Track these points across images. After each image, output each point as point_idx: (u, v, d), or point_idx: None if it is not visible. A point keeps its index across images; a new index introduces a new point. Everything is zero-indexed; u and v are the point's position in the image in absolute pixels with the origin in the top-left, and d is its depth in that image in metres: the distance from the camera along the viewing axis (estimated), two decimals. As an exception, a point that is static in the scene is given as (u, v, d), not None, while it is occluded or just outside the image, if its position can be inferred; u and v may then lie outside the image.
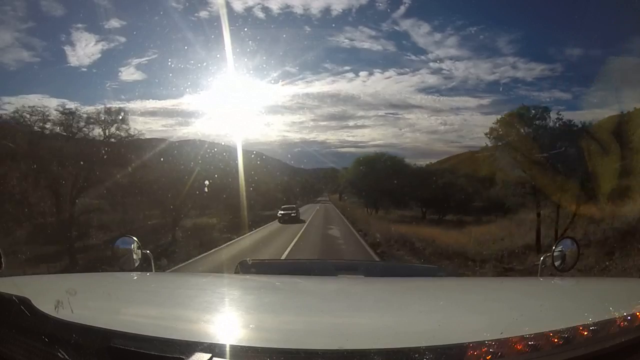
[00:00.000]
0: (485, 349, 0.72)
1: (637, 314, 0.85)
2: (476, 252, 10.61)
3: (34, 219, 10.25)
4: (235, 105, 13.39)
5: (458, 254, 10.65)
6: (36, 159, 10.17)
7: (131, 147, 11.90)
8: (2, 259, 1.23)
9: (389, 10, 15.08)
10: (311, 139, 18.75)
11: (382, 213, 17.32)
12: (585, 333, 0.78)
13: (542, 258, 1.56)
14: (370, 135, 20.74)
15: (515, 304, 1.19)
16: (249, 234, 13.44)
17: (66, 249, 10.30)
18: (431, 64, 15.01)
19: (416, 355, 0.70)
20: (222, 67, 11.33)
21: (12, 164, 9.72)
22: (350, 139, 21.08)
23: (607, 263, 8.10)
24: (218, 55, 11.60)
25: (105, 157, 11.20)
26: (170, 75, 15.64)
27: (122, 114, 12.08)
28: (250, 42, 12.90)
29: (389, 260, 8.97)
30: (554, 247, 1.57)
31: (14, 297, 0.85)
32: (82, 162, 10.75)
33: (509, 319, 0.99)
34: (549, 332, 0.76)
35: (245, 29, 13.58)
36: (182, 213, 13.54)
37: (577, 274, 1.63)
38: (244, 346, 0.74)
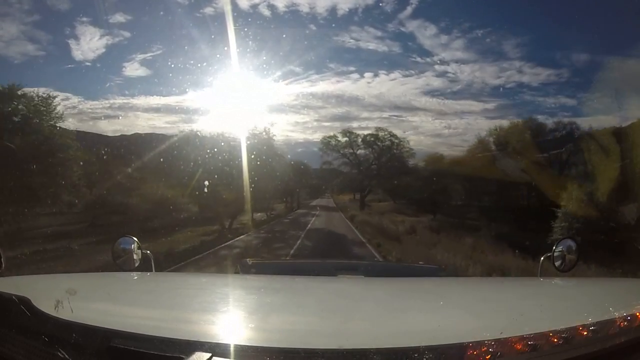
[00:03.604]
0: (485, 348, 0.72)
1: (637, 314, 0.85)
2: None
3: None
4: (239, 103, 13.27)
5: None
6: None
7: (132, 143, 11.87)
8: (2, 259, 1.23)
9: (395, 11, 15.11)
10: (315, 139, 18.32)
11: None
12: (585, 333, 0.78)
13: (542, 258, 1.56)
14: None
15: (515, 304, 1.19)
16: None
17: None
18: (437, 67, 14.83)
19: (416, 355, 0.70)
20: (226, 65, 11.26)
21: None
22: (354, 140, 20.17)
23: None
24: (222, 53, 11.52)
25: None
26: (175, 72, 15.59)
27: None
28: (255, 40, 12.87)
29: (389, 260, 8.95)
30: (554, 248, 1.57)
31: (14, 297, 0.85)
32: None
33: (509, 319, 0.99)
34: (548, 332, 0.76)
35: (251, 27, 13.55)
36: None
37: (577, 274, 1.63)
38: (244, 345, 0.74)
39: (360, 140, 18.01)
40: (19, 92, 10.43)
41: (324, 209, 20.39)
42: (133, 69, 14.01)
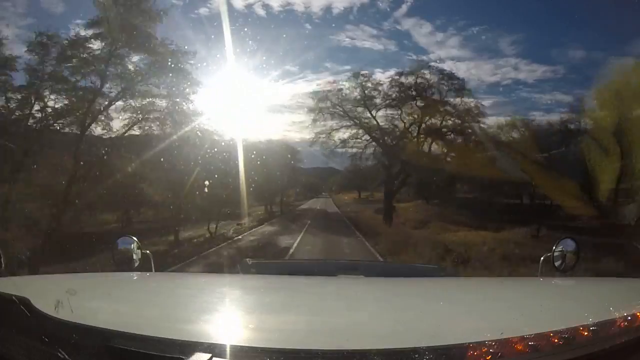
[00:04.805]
0: (485, 349, 0.72)
1: (637, 314, 0.85)
2: None
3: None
4: (236, 103, 13.12)
5: None
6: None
7: (130, 145, 11.48)
8: (2, 259, 1.23)
9: (390, 9, 15.00)
10: (312, 139, 17.49)
11: None
12: (585, 333, 0.78)
13: (542, 258, 1.56)
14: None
15: (515, 304, 1.19)
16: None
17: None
18: (433, 65, 14.22)
19: (416, 356, 0.70)
20: (222, 65, 11.07)
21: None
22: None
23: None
24: (218, 53, 11.29)
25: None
26: (171, 73, 15.49)
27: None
28: (250, 40, 12.58)
29: (389, 260, 8.90)
30: (554, 247, 1.57)
31: (13, 297, 0.85)
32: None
33: (509, 319, 0.99)
34: (549, 333, 0.76)
35: (246, 27, 13.39)
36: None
37: (577, 274, 1.62)
38: (244, 346, 0.74)
39: (382, 92, 9.65)
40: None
41: (319, 217, 13.44)
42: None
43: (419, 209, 11.62)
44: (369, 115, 10.33)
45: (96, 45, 9.94)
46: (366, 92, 10.26)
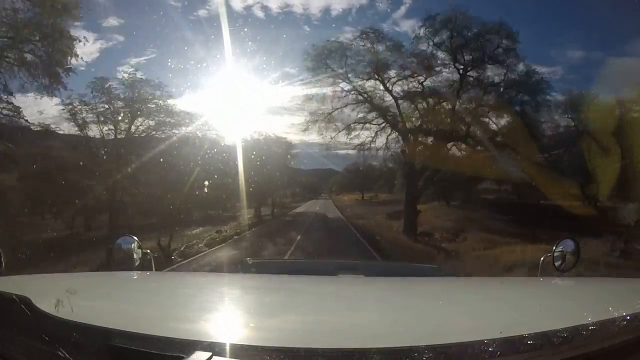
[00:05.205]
0: (485, 348, 0.72)
1: (637, 314, 0.85)
2: None
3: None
4: (235, 105, 13.13)
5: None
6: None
7: (129, 146, 11.22)
8: (2, 259, 1.23)
9: (389, 10, 15.00)
10: (311, 140, 17.32)
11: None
12: (585, 333, 0.78)
13: (542, 258, 1.56)
14: (371, 137, 18.07)
15: (515, 304, 1.19)
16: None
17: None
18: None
19: (416, 355, 0.70)
20: (221, 67, 11.06)
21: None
22: (351, 140, 18.66)
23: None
24: (217, 55, 11.25)
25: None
26: (170, 75, 15.45)
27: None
28: (249, 42, 12.61)
29: (389, 260, 8.83)
30: (554, 247, 1.57)
31: (14, 297, 0.86)
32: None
33: (509, 319, 0.99)
34: (548, 332, 0.76)
35: (245, 30, 13.43)
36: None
37: (577, 274, 1.63)
38: (244, 345, 0.74)
39: (403, 56, 6.81)
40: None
41: (316, 225, 10.71)
42: (127, 73, 13.79)
43: (439, 212, 9.31)
44: (382, 88, 7.48)
45: None
46: (379, 57, 7.32)
